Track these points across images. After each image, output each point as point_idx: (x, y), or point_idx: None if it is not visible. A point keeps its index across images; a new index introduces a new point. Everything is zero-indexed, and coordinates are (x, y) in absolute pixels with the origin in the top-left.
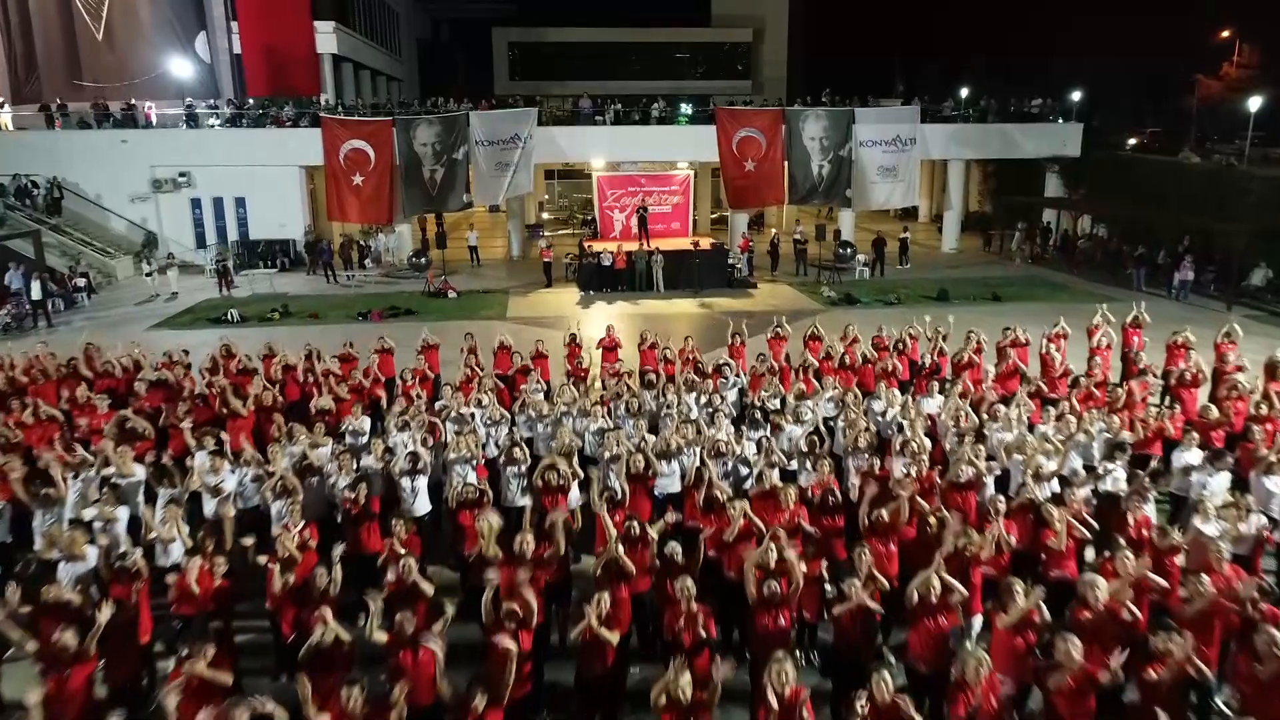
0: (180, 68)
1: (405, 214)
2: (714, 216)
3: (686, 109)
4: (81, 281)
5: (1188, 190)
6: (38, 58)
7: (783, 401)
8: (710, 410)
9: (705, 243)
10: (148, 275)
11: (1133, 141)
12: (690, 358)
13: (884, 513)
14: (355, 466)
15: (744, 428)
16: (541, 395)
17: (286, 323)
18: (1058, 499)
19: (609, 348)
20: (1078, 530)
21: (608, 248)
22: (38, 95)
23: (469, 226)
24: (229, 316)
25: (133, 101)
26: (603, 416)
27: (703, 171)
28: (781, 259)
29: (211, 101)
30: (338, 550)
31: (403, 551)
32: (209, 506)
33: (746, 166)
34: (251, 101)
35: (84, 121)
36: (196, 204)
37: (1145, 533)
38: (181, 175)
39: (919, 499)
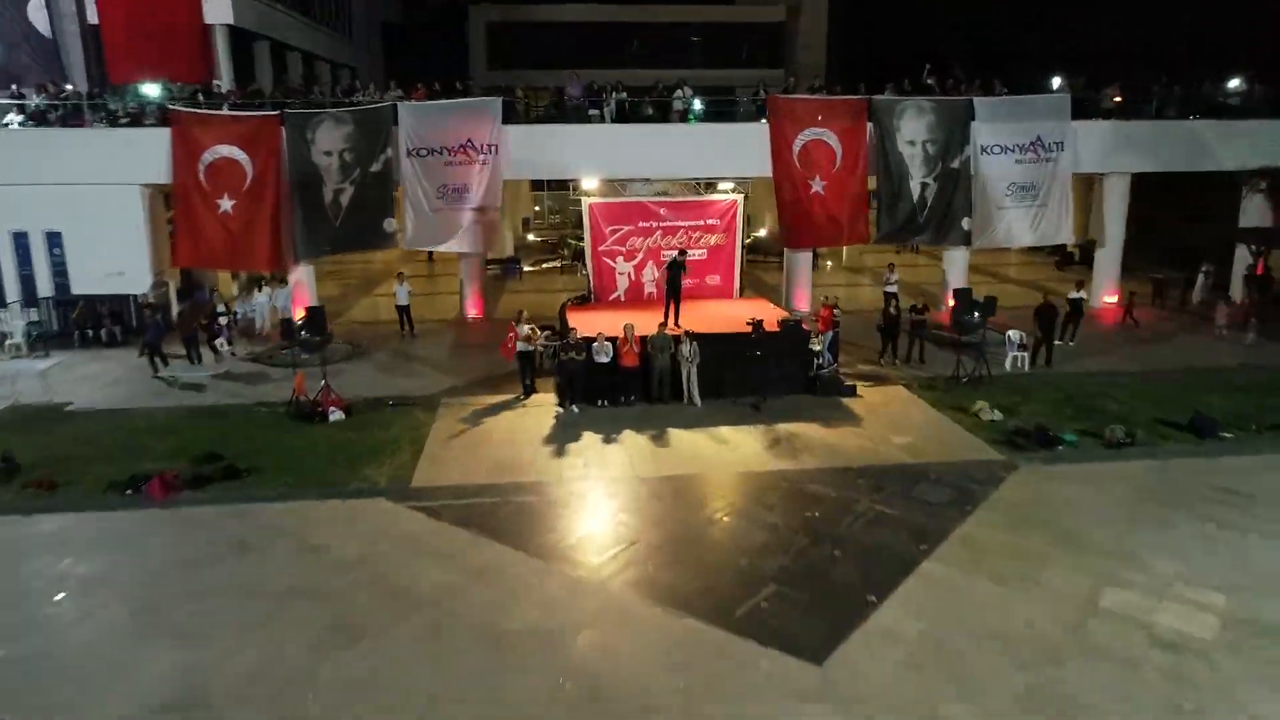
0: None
1: (298, 256)
2: (747, 242)
3: (697, 104)
4: None
5: None
6: None
7: None
8: None
9: (770, 318)
10: None
11: None
12: None
13: None
14: None
15: None
16: None
17: None
18: None
19: None
20: None
21: (604, 333)
22: None
23: (396, 276)
24: None
25: None
26: None
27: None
28: (857, 329)
29: (14, 89)
30: None
31: None
32: None
33: (813, 186)
34: (69, 88)
35: None
36: None
37: None
38: None
39: None
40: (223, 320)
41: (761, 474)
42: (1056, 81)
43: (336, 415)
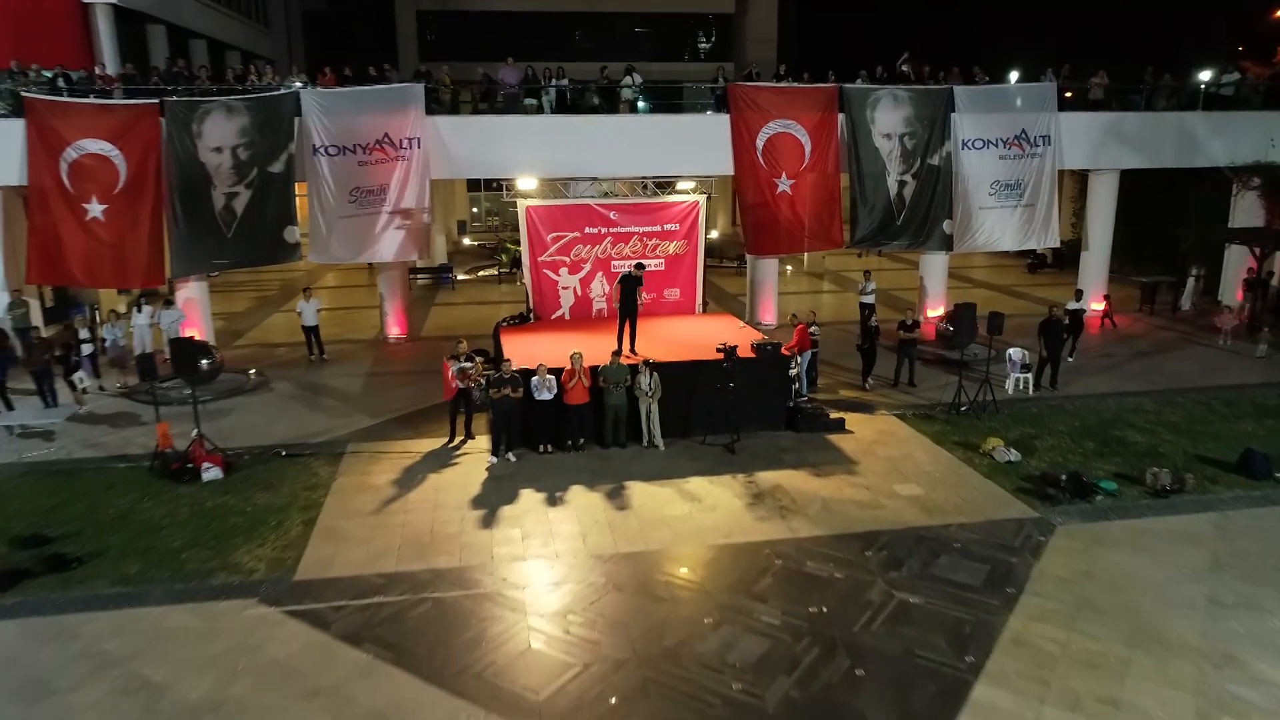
0: None
1: (174, 272)
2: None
3: (641, 102)
4: None
5: None
6: None
7: None
8: None
9: (743, 341)
10: None
11: None
12: None
13: None
14: None
15: None
16: None
17: None
18: None
19: None
20: None
21: (545, 364)
22: None
23: (303, 292)
24: None
25: None
26: None
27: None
28: (838, 349)
29: None
30: None
31: None
32: None
33: (780, 186)
34: None
35: None
36: None
37: None
38: None
39: None
40: (86, 349)
41: (746, 547)
42: (1014, 76)
43: (212, 473)
